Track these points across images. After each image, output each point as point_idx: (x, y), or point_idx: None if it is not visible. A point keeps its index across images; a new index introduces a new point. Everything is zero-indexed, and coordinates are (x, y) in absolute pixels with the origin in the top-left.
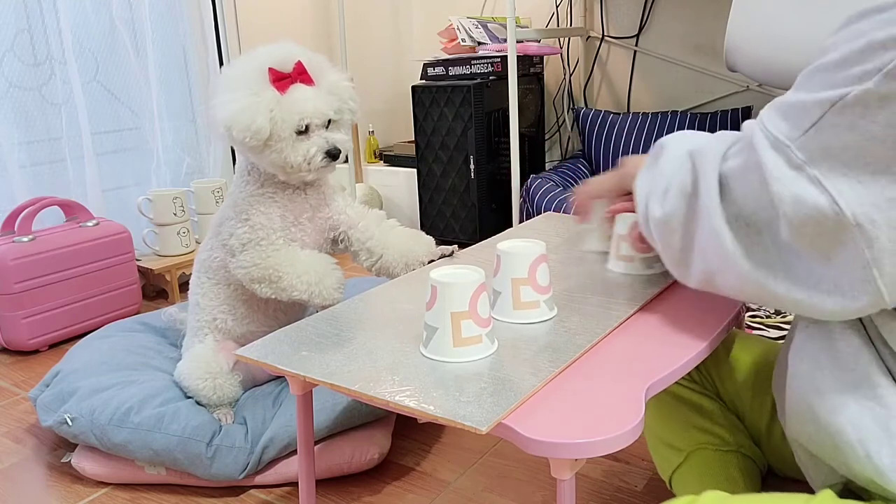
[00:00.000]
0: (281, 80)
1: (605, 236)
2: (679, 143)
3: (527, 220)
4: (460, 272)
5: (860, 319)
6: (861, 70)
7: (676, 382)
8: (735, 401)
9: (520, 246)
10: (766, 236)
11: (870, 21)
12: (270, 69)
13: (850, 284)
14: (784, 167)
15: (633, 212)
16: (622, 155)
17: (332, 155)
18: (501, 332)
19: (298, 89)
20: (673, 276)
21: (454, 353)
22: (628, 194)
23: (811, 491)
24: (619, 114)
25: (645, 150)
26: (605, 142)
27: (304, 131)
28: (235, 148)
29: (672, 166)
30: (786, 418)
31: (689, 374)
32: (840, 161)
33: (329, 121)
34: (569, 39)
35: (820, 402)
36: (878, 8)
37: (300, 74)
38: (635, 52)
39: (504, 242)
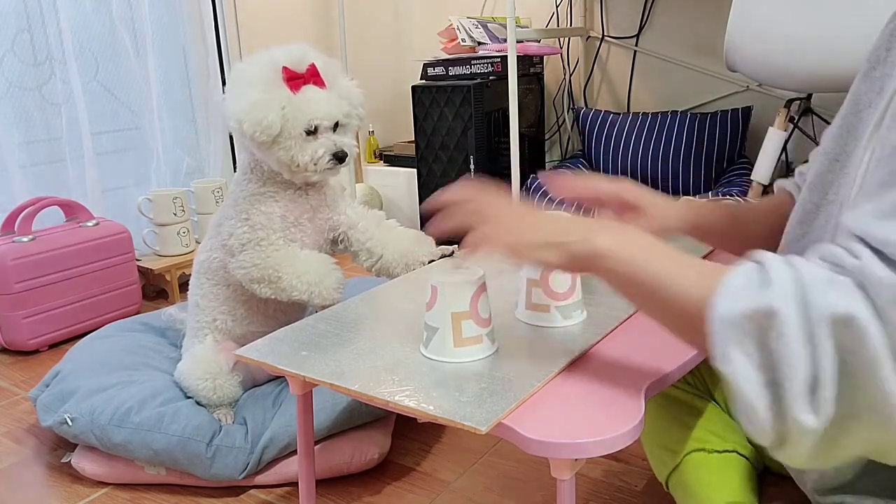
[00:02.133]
0: (294, 79)
1: (531, 303)
2: (791, 303)
3: None
4: (461, 272)
5: None
6: None
7: (671, 385)
8: (729, 402)
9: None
10: None
11: None
12: (284, 68)
13: None
14: None
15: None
16: (622, 155)
17: (339, 157)
18: (501, 332)
19: (310, 90)
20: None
21: (455, 354)
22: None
23: None
24: (619, 114)
25: (645, 150)
26: (605, 142)
27: (312, 132)
28: (242, 144)
29: (803, 344)
30: None
31: (683, 376)
32: None
33: (337, 124)
34: (569, 39)
35: None
36: None
37: (313, 76)
38: (635, 52)
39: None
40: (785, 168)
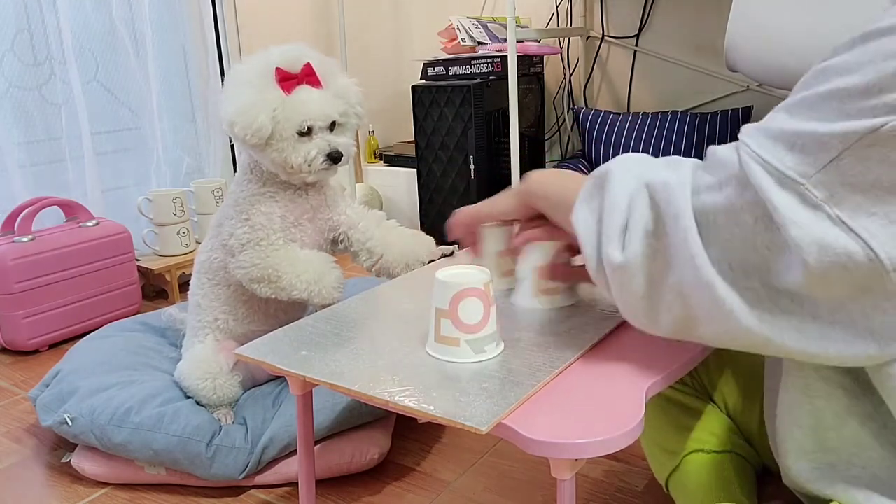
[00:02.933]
0: (287, 80)
1: (503, 271)
2: (626, 171)
3: None
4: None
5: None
6: None
7: (668, 386)
8: (727, 402)
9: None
10: (758, 283)
11: None
12: (277, 69)
13: (882, 330)
14: (799, 208)
15: (548, 239)
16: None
17: (333, 158)
18: (502, 332)
19: (304, 90)
20: (632, 324)
21: (535, 302)
22: (535, 219)
23: None
24: (619, 114)
25: (645, 150)
26: (605, 142)
27: (306, 133)
28: (238, 145)
29: (624, 198)
30: (778, 453)
31: (681, 377)
32: (868, 199)
33: (334, 124)
34: (569, 39)
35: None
36: None
37: (307, 76)
38: (635, 52)
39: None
40: None
